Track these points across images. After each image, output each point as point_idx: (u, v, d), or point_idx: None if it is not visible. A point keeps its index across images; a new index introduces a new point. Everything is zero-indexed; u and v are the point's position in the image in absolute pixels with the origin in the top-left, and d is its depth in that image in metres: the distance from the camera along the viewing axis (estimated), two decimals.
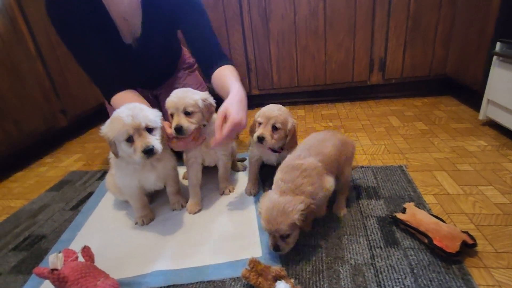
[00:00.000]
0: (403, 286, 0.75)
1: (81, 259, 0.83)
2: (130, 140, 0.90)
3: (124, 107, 0.93)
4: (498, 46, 1.42)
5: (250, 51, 2.11)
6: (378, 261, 0.83)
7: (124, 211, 1.20)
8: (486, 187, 1.09)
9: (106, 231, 1.10)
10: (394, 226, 0.95)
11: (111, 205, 1.25)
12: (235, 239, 0.98)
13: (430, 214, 0.93)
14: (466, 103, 1.88)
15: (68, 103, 1.96)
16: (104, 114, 1.33)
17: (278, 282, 0.74)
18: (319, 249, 0.89)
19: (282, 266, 0.82)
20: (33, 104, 1.72)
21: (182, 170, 1.34)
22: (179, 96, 1.01)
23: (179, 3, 1.19)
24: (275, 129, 1.08)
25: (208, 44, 1.21)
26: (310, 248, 0.90)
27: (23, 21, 1.69)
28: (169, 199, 1.18)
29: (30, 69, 1.71)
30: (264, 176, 1.29)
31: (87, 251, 0.85)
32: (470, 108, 1.80)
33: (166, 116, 1.04)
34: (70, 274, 0.75)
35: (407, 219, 0.91)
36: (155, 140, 0.91)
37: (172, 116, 1.03)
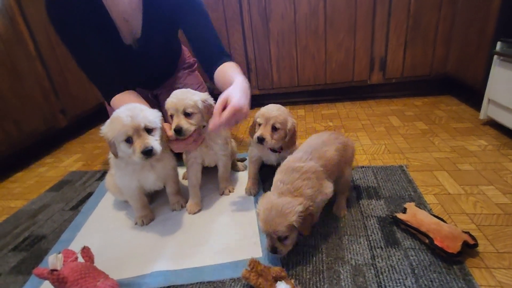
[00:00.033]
0: (404, 287, 0.74)
1: (80, 259, 0.83)
2: (129, 140, 0.89)
3: (124, 107, 0.93)
4: (499, 45, 1.42)
5: (250, 51, 2.11)
6: (378, 261, 0.83)
7: (124, 211, 1.20)
8: (487, 187, 1.09)
9: (106, 231, 1.09)
10: (395, 226, 0.94)
11: (111, 205, 1.25)
12: (235, 239, 0.98)
13: (431, 214, 0.93)
14: (466, 102, 1.88)
15: (68, 103, 1.96)
16: (104, 114, 1.33)
17: (279, 282, 0.74)
18: (320, 249, 0.89)
19: (283, 267, 0.81)
20: (33, 104, 1.72)
21: (182, 171, 1.33)
22: (178, 97, 1.01)
23: (179, 3, 1.19)
24: (274, 129, 1.08)
25: (208, 44, 1.21)
26: (311, 249, 0.90)
27: (22, 21, 1.69)
28: (169, 199, 1.17)
29: (29, 69, 1.71)
30: (264, 176, 1.28)
31: (86, 252, 0.85)
32: (471, 107, 1.80)
33: (166, 116, 1.04)
34: (70, 275, 0.75)
35: (407, 219, 0.91)
36: (154, 141, 0.91)
37: (171, 117, 1.02)
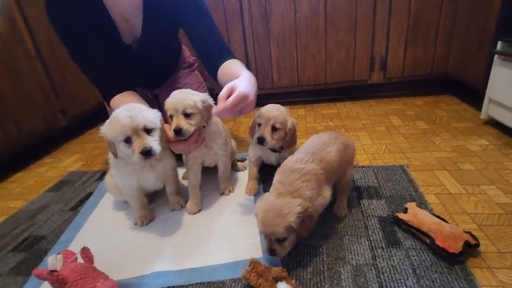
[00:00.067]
0: (405, 287, 0.74)
1: (80, 260, 0.82)
2: (128, 141, 0.89)
3: (123, 107, 0.93)
4: (499, 45, 1.42)
5: (250, 51, 2.11)
6: (379, 261, 0.82)
7: (124, 211, 1.19)
8: (489, 186, 1.08)
9: (106, 232, 1.09)
10: (396, 226, 0.94)
11: (111, 205, 1.25)
12: (235, 239, 0.97)
13: (432, 214, 0.93)
14: (467, 102, 1.87)
15: (68, 103, 1.96)
16: (103, 114, 1.33)
17: (279, 283, 0.74)
18: (320, 249, 0.89)
19: (283, 267, 0.81)
20: (32, 104, 1.72)
21: (181, 171, 1.33)
22: (178, 98, 1.00)
23: (179, 3, 1.19)
24: (275, 129, 1.08)
25: (210, 43, 1.20)
26: (311, 249, 0.89)
27: (22, 21, 1.68)
28: (168, 199, 1.17)
29: (29, 69, 1.71)
30: (264, 176, 1.28)
31: (86, 252, 0.85)
32: (471, 107, 1.79)
33: (166, 116, 1.04)
34: (69, 276, 0.74)
35: (408, 219, 0.90)
36: (153, 141, 0.90)
37: (171, 118, 1.02)
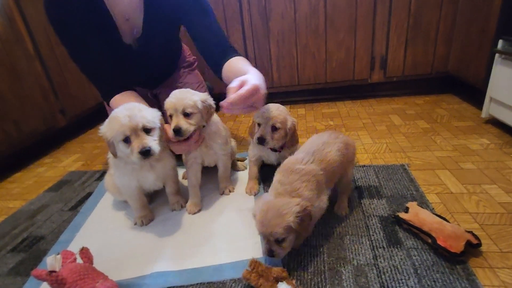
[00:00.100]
0: (406, 287, 0.73)
1: (79, 260, 0.82)
2: (127, 140, 0.88)
3: (122, 107, 0.92)
4: (500, 43, 1.41)
5: (250, 50, 2.10)
6: (381, 261, 0.82)
7: (123, 211, 1.19)
8: (490, 185, 1.08)
9: (105, 232, 1.08)
10: (397, 226, 0.93)
11: (110, 205, 1.24)
12: (235, 239, 0.97)
13: (433, 213, 0.92)
14: (468, 101, 1.87)
15: (68, 103, 1.95)
16: (103, 114, 1.32)
17: (280, 283, 0.73)
18: (321, 249, 0.88)
19: (284, 267, 0.80)
20: (32, 104, 1.71)
21: (181, 170, 1.33)
22: (178, 97, 0.99)
23: (180, 2, 1.18)
24: (275, 129, 1.07)
25: (212, 42, 1.18)
26: (312, 249, 0.89)
27: (21, 21, 1.68)
28: (168, 199, 1.16)
29: (29, 69, 1.70)
30: (264, 176, 1.28)
31: (85, 253, 0.84)
32: (472, 106, 1.78)
33: (166, 116, 1.03)
34: (68, 276, 0.74)
35: (410, 219, 0.90)
36: (152, 141, 0.90)
37: (171, 118, 1.01)
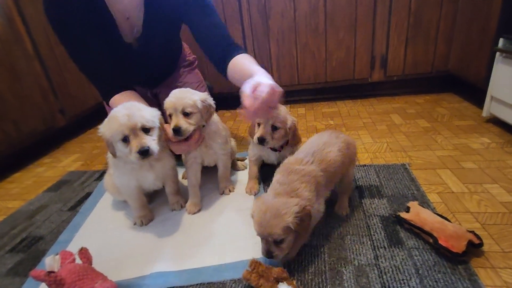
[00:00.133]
0: (408, 287, 0.73)
1: (78, 261, 0.81)
2: (126, 140, 0.88)
3: (122, 106, 0.92)
4: (501, 42, 1.40)
5: (249, 50, 2.09)
6: (382, 261, 0.81)
7: (123, 211, 1.18)
8: (491, 185, 1.07)
9: (105, 232, 1.08)
10: (398, 226, 0.93)
11: (110, 205, 1.24)
12: (235, 239, 0.96)
13: (435, 213, 0.92)
14: (468, 100, 1.86)
15: (67, 103, 1.95)
16: (103, 114, 1.31)
17: (280, 284, 0.73)
18: (322, 249, 0.88)
19: (284, 268, 0.80)
20: (31, 104, 1.71)
21: (181, 170, 1.32)
22: (177, 97, 0.99)
23: (180, 2, 1.17)
24: (275, 128, 1.07)
25: (214, 40, 1.16)
26: (312, 249, 0.88)
27: (20, 21, 1.67)
28: (168, 199, 1.16)
29: (28, 69, 1.70)
30: (264, 176, 1.27)
31: (84, 253, 0.84)
32: (473, 105, 1.78)
33: (166, 115, 1.03)
34: (67, 277, 0.73)
35: (411, 219, 0.89)
36: (151, 141, 0.89)
37: (170, 117, 1.01)
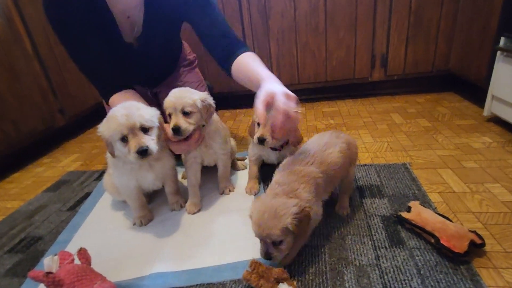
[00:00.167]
0: None
1: (77, 261, 0.81)
2: (124, 139, 0.87)
3: (120, 105, 0.91)
4: (502, 41, 1.39)
5: None
6: (383, 261, 0.80)
7: (122, 211, 1.17)
8: (493, 184, 1.06)
9: (104, 232, 1.07)
10: (399, 226, 0.92)
11: (109, 205, 1.23)
12: (235, 239, 0.96)
13: (436, 212, 0.91)
14: (469, 99, 1.86)
15: (66, 102, 1.94)
16: (102, 113, 1.30)
17: (281, 284, 0.72)
18: (322, 250, 0.87)
19: (284, 268, 0.79)
20: (31, 104, 1.70)
21: (181, 170, 1.31)
22: (177, 96, 0.98)
23: (180, 2, 1.16)
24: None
25: (217, 38, 1.14)
26: (313, 249, 0.87)
27: (20, 20, 1.67)
28: (168, 199, 1.15)
29: (27, 69, 1.69)
30: (264, 175, 1.26)
31: (83, 253, 0.83)
32: (474, 104, 1.77)
33: (165, 114, 1.02)
34: (66, 277, 0.72)
35: (412, 218, 0.88)
36: (150, 140, 0.88)
37: (170, 116, 1.00)
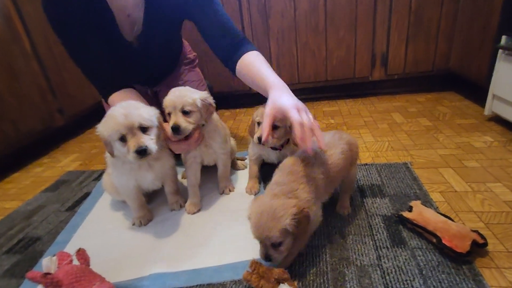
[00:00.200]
0: None
1: (76, 262, 0.80)
2: (123, 139, 0.86)
3: (119, 105, 0.90)
4: (504, 39, 1.39)
5: None
6: (384, 262, 0.80)
7: (122, 211, 1.17)
8: (494, 184, 1.06)
9: (103, 233, 1.07)
10: (401, 225, 0.91)
11: (108, 205, 1.22)
12: (235, 239, 0.95)
13: (438, 212, 0.90)
14: (470, 98, 1.85)
15: (66, 102, 1.93)
16: (101, 113, 1.30)
17: (281, 285, 0.71)
18: (323, 250, 0.86)
19: (285, 268, 0.78)
20: (30, 103, 1.70)
21: (181, 170, 1.31)
22: (177, 95, 0.98)
23: (180, 1, 1.15)
24: (275, 127, 1.05)
25: (220, 36, 1.13)
26: (314, 249, 0.87)
27: (19, 20, 1.66)
28: (167, 199, 1.14)
29: (26, 68, 1.69)
30: (264, 175, 1.25)
31: (82, 254, 0.82)
32: (474, 103, 1.76)
33: (165, 114, 1.01)
34: (64, 278, 0.72)
35: (414, 218, 0.88)
36: (149, 140, 0.87)
37: (169, 115, 0.99)
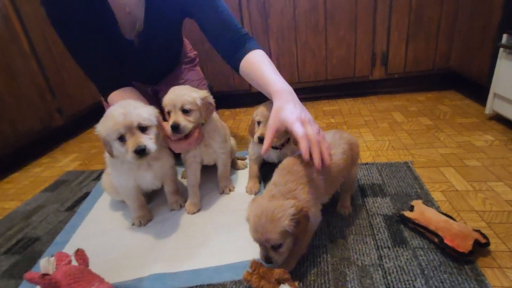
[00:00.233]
0: None
1: (74, 262, 0.79)
2: (122, 139, 0.86)
3: (118, 104, 0.90)
4: (505, 38, 1.38)
5: None
6: (386, 261, 0.79)
7: (121, 211, 1.16)
8: (496, 183, 1.05)
9: (102, 233, 1.06)
10: (402, 225, 0.91)
11: (108, 205, 1.22)
12: (235, 240, 0.94)
13: (439, 211, 0.90)
14: (470, 97, 1.84)
15: (65, 102, 1.93)
16: (101, 113, 1.29)
17: (282, 285, 0.71)
18: (324, 250, 0.86)
19: (285, 268, 0.78)
20: (28, 103, 1.69)
21: (180, 169, 1.30)
22: (176, 93, 0.98)
23: (181, 1, 1.14)
24: None
25: (222, 34, 1.11)
26: (315, 249, 0.86)
27: (17, 19, 1.65)
28: (167, 199, 1.14)
29: (25, 68, 1.68)
30: (265, 175, 1.25)
31: (80, 254, 0.82)
32: (475, 102, 1.76)
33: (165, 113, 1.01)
34: (63, 279, 0.71)
35: (415, 217, 0.87)
36: (148, 140, 0.87)
37: (169, 114, 0.99)
